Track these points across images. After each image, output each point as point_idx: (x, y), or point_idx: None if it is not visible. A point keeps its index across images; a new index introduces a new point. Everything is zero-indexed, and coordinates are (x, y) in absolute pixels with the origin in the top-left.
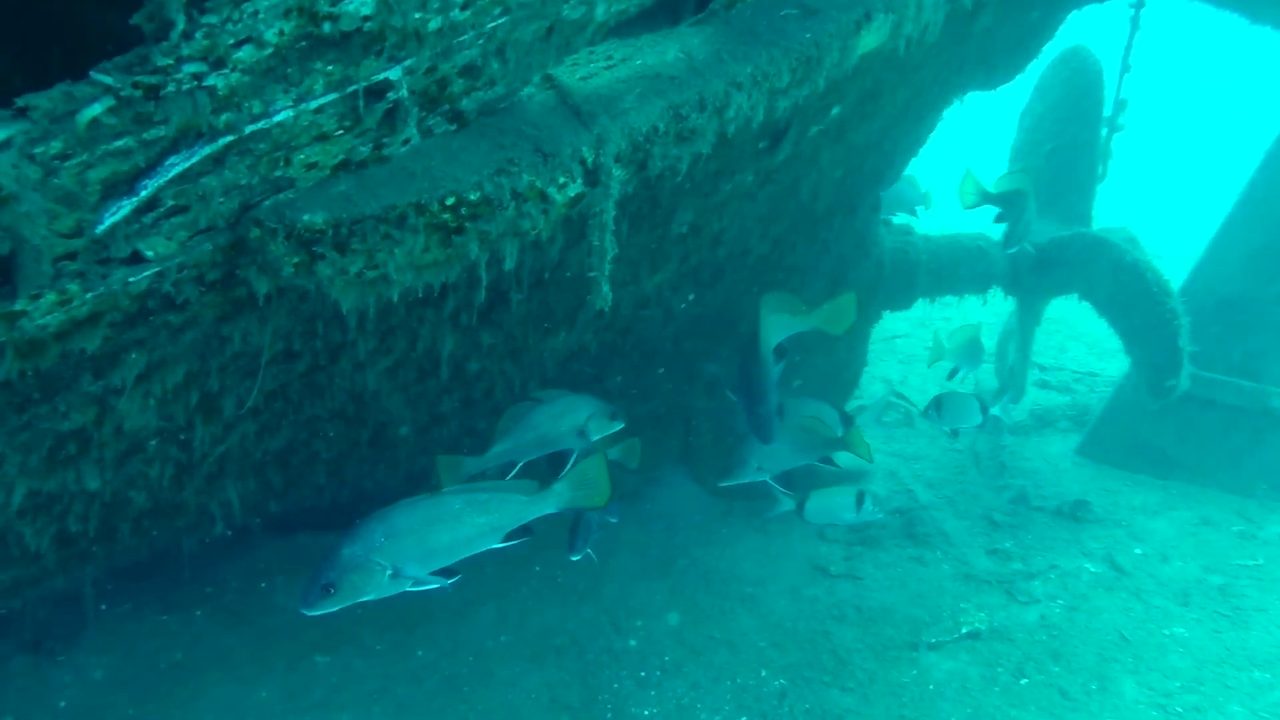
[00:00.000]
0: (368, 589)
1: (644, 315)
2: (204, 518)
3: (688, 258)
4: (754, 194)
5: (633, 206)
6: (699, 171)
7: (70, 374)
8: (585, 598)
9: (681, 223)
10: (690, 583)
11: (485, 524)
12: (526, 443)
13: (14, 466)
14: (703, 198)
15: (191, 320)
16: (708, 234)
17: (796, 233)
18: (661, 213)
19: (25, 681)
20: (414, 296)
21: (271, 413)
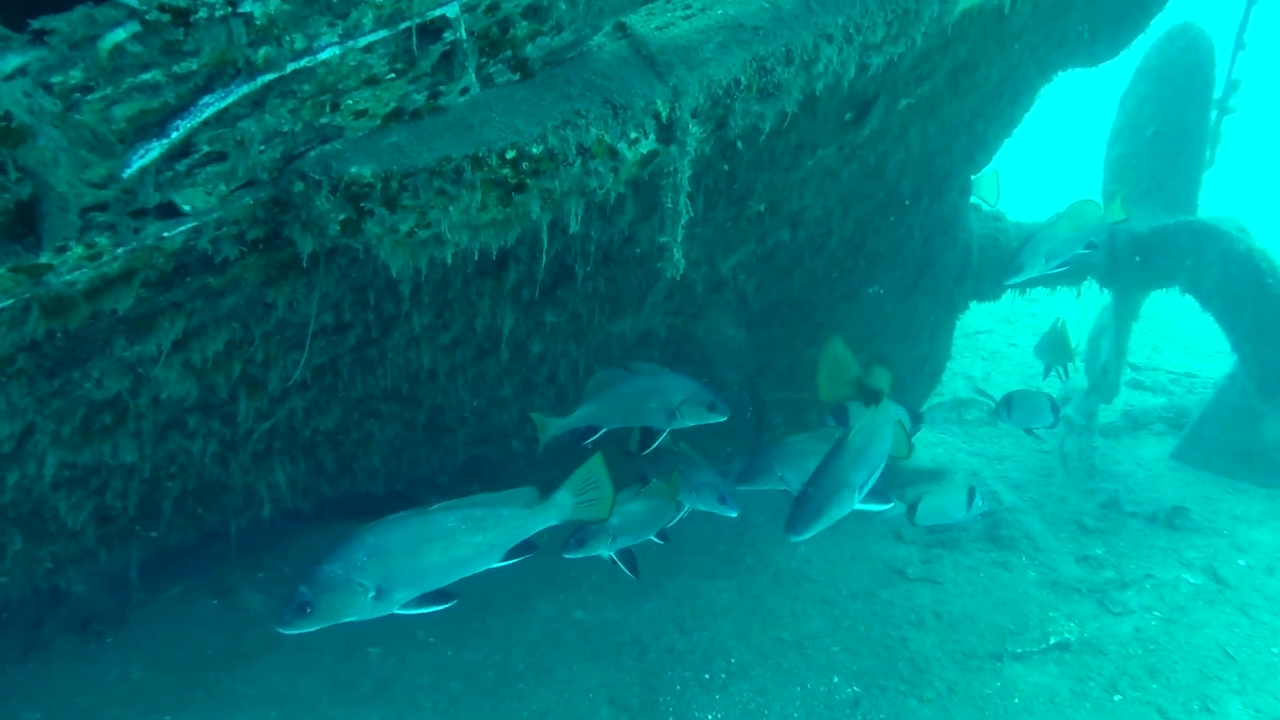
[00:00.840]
0: (348, 610)
1: (716, 300)
2: (252, 499)
3: (764, 239)
4: (837, 171)
5: (709, 179)
6: (780, 144)
7: (103, 338)
8: (648, 594)
9: (759, 200)
10: (759, 582)
11: (482, 542)
12: (611, 411)
13: (46, 436)
14: (782, 173)
15: (232, 283)
16: (786, 213)
17: (880, 216)
18: (739, 187)
19: (71, 663)
20: (471, 266)
21: (321, 388)
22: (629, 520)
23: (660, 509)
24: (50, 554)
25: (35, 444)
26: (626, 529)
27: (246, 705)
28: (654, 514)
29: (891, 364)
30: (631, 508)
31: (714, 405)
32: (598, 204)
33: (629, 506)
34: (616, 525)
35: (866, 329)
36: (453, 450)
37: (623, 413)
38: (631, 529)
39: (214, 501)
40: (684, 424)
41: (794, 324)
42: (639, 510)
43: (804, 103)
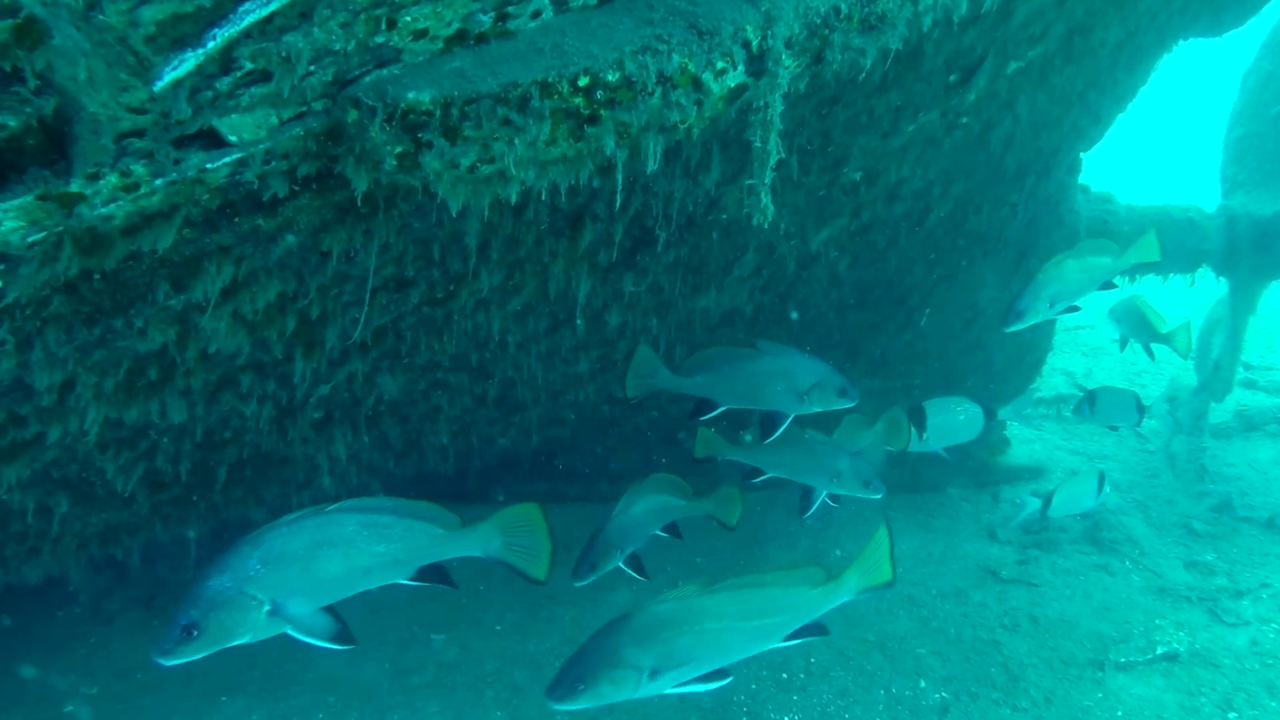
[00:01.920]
0: (241, 630)
1: (806, 277)
2: (313, 473)
3: (859, 212)
4: (939, 140)
5: (802, 138)
6: (879, 103)
7: (145, 283)
8: None
9: (855, 167)
10: None
11: (386, 554)
12: (733, 388)
13: (88, 390)
14: (880, 138)
15: (284, 227)
16: (883, 184)
17: (983, 193)
18: (834, 151)
19: (133, 638)
20: (544, 222)
21: (382, 352)
22: (633, 524)
23: (665, 506)
24: (103, 520)
25: (77, 398)
26: (631, 533)
27: (304, 689)
28: (659, 512)
29: (988, 353)
30: (635, 511)
31: (844, 390)
32: (681, 160)
33: (633, 510)
34: (620, 534)
35: (963, 315)
36: (526, 430)
37: (745, 392)
38: (636, 532)
39: (273, 473)
40: (812, 409)
41: (886, 307)
42: (642, 511)
43: (908, 53)
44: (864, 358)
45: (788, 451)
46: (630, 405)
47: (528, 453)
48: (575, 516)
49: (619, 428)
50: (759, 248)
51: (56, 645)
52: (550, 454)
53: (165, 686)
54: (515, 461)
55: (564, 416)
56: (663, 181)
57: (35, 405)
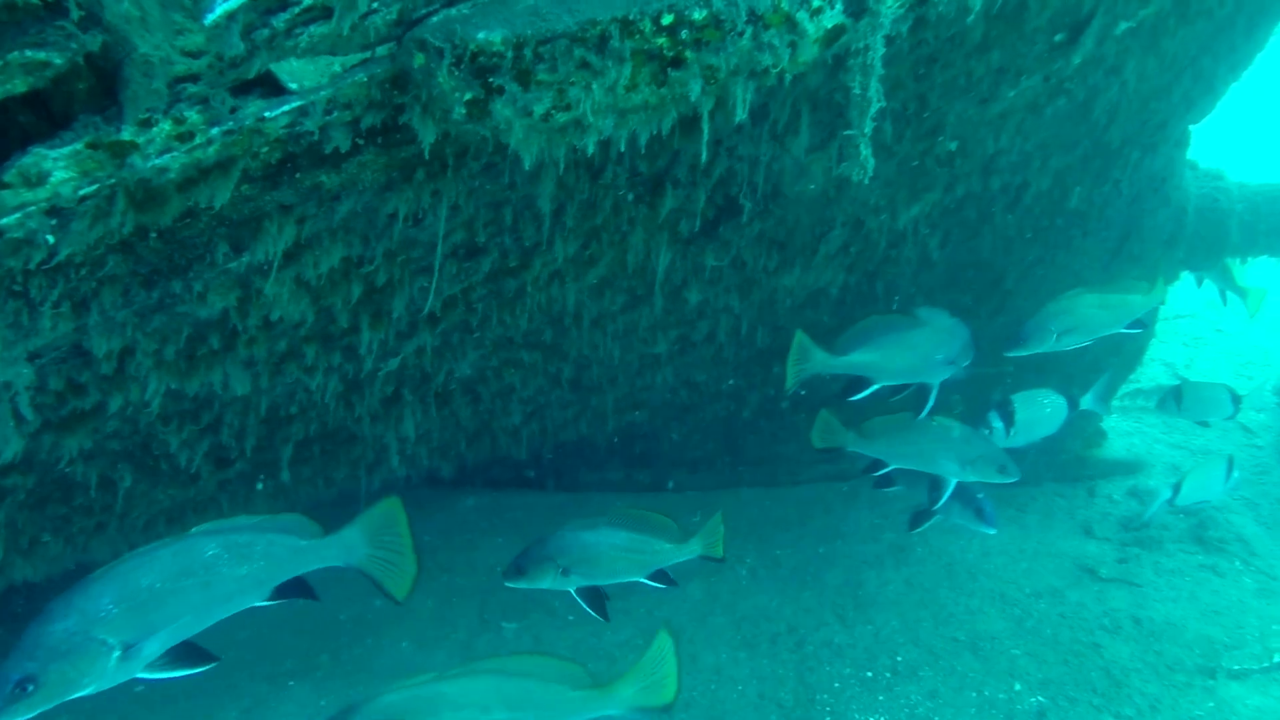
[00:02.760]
0: (87, 679)
1: (895, 257)
2: (382, 455)
3: (954, 186)
4: (1040, 108)
5: (896, 101)
6: (979, 64)
7: (203, 242)
8: (807, 583)
9: (951, 136)
10: (930, 574)
11: (247, 575)
12: (892, 361)
13: (149, 358)
14: (979, 104)
15: (348, 185)
16: (979, 156)
17: (1084, 168)
18: (929, 117)
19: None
20: (622, 186)
21: (452, 325)
22: (588, 555)
23: (638, 545)
24: (169, 497)
25: (137, 366)
26: (586, 565)
27: (372, 675)
28: (631, 552)
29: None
30: (592, 539)
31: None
32: (768, 122)
33: (587, 537)
34: (560, 548)
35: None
36: (602, 414)
37: (904, 366)
38: (593, 566)
39: (341, 453)
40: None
41: (979, 290)
42: (604, 545)
43: (1012, 7)
44: None
45: (917, 439)
46: (708, 392)
47: (602, 439)
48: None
49: (697, 414)
50: (847, 223)
51: None
52: (625, 441)
53: (235, 669)
54: (590, 448)
55: (640, 401)
56: (748, 144)
57: (94, 373)
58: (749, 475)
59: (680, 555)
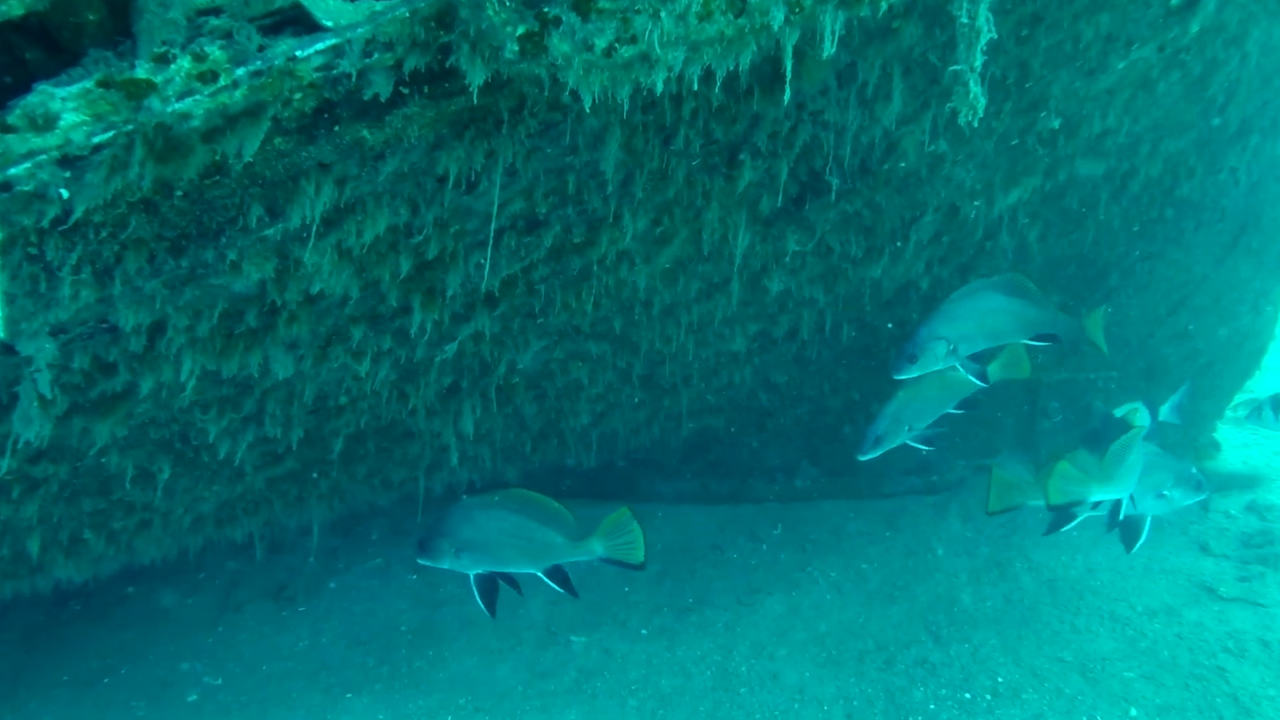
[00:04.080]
0: None
1: (990, 249)
2: (441, 453)
3: (1055, 170)
4: (1152, 83)
5: (996, 67)
6: (1087, 28)
7: (234, 203)
8: (896, 597)
9: (1054, 112)
10: (1031, 590)
11: None
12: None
13: (180, 335)
14: (1085, 76)
15: (393, 141)
16: (1085, 136)
17: (1198, 153)
18: (1031, 88)
19: (261, 629)
20: (695, 157)
21: (513, 308)
22: (477, 537)
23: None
24: (214, 495)
25: (169, 344)
26: (476, 548)
27: (434, 688)
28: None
29: (1199, 340)
30: (481, 520)
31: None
32: (856, 85)
33: (477, 516)
34: (458, 540)
35: (1169, 298)
36: (675, 417)
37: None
38: (482, 550)
39: (397, 452)
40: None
41: (1080, 287)
42: (492, 528)
43: None
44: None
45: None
46: (789, 395)
47: (676, 445)
48: (726, 516)
49: (776, 419)
50: (940, 208)
51: (184, 632)
52: (701, 448)
53: (290, 680)
54: (663, 456)
55: (717, 404)
56: (834, 110)
57: (124, 351)
58: (831, 486)
59: (576, 554)
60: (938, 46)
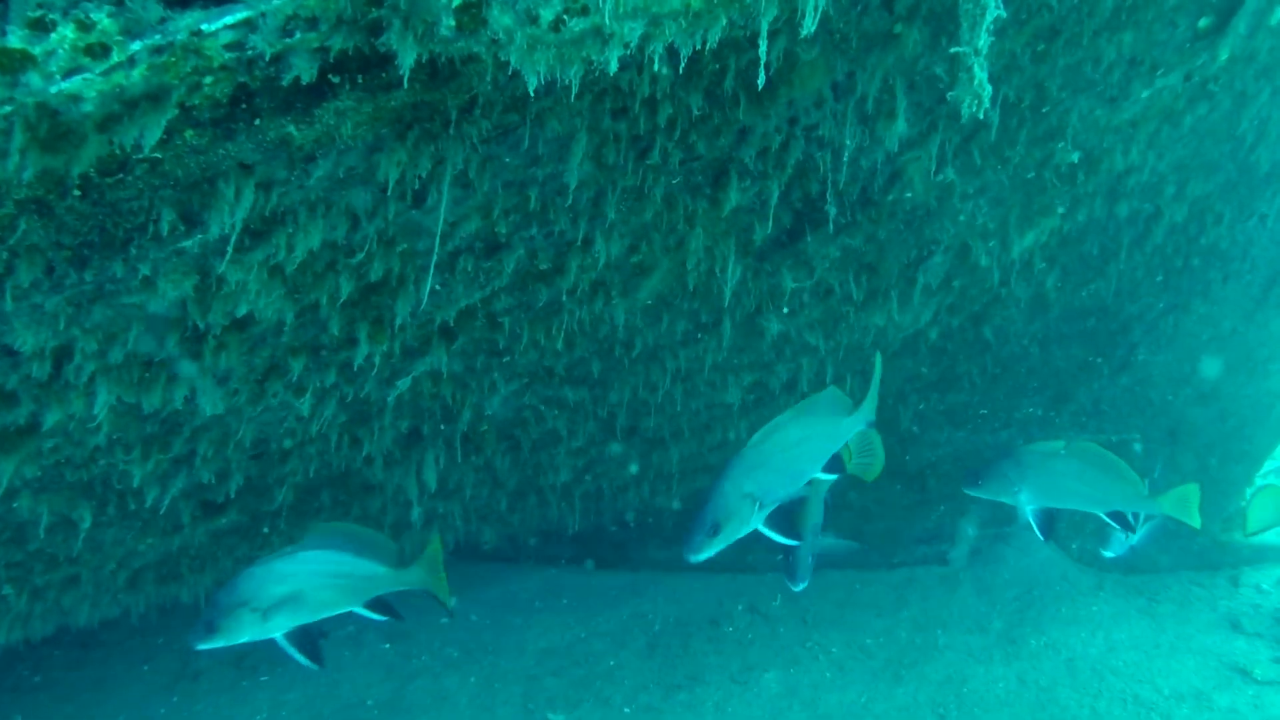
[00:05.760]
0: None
1: (1004, 297)
2: (406, 509)
3: (1074, 210)
4: (1178, 115)
5: (1010, 87)
6: (1108, 47)
7: (143, 206)
8: (902, 677)
9: (1073, 143)
10: (1048, 670)
11: None
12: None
13: (90, 361)
14: (1107, 103)
15: (325, 141)
16: (1106, 173)
17: (1225, 197)
18: (1049, 114)
19: (219, 699)
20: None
21: (474, 342)
22: (292, 591)
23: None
24: (150, 548)
25: (78, 371)
26: (292, 604)
27: None
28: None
29: (1227, 401)
30: (293, 569)
31: None
32: (855, 98)
33: (286, 568)
34: (267, 600)
35: (1195, 356)
36: (666, 476)
37: None
38: (300, 603)
39: (356, 506)
40: None
41: (1101, 341)
42: (308, 574)
43: None
44: (1071, 405)
45: None
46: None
47: (670, 510)
48: (725, 587)
49: None
50: (950, 248)
51: (135, 702)
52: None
53: None
54: (656, 520)
55: (711, 463)
56: (831, 125)
57: (25, 378)
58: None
59: (399, 582)
60: (945, 59)
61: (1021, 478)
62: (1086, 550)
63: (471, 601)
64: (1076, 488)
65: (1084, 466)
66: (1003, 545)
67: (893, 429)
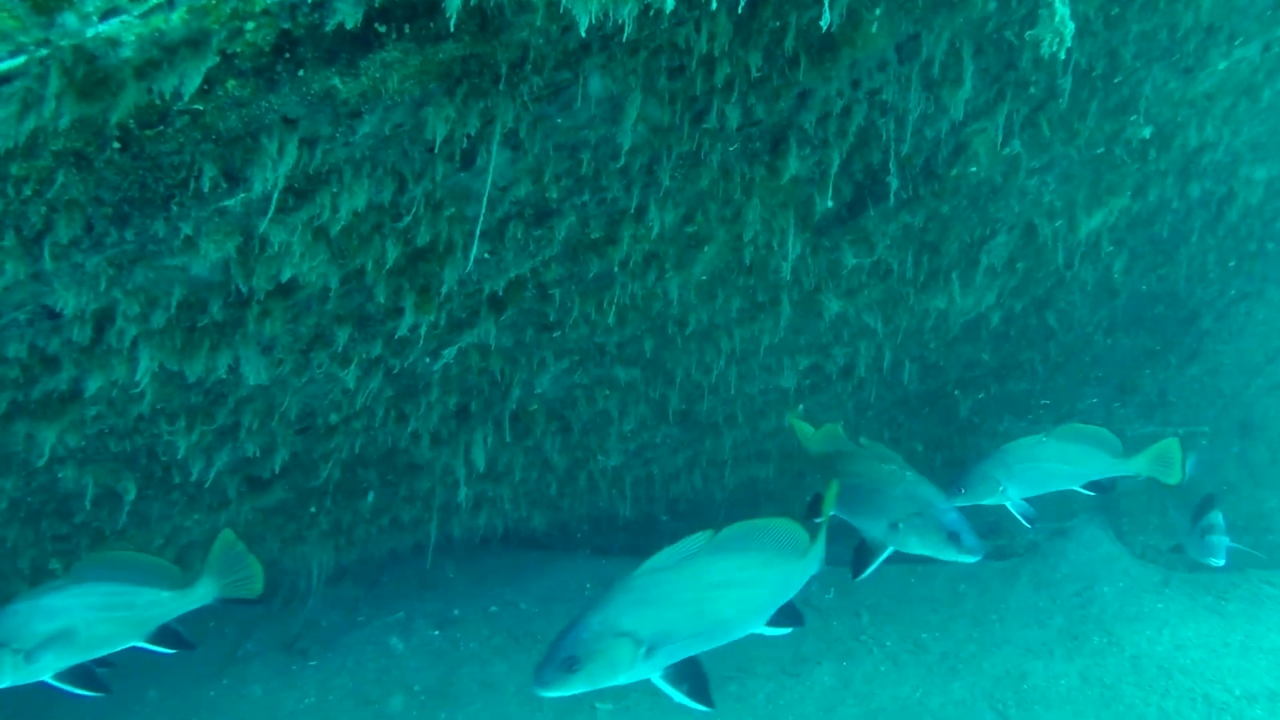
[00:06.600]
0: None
1: (1069, 281)
2: (453, 490)
3: (1145, 189)
4: (1256, 90)
5: (1081, 52)
6: (1185, 12)
7: (184, 161)
8: (958, 671)
9: (1145, 117)
10: (1110, 668)
11: None
12: None
13: (132, 324)
14: (1182, 75)
15: (371, 95)
16: (1179, 150)
17: None
18: (1121, 85)
19: (268, 684)
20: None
21: (524, 314)
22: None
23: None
24: (196, 524)
25: (120, 335)
26: (61, 642)
27: None
28: (117, 610)
29: None
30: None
31: None
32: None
33: (52, 603)
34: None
35: (1268, 345)
36: (719, 464)
37: None
38: (70, 642)
39: (404, 486)
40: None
41: (1170, 330)
42: (77, 609)
43: None
44: (1137, 396)
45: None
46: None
47: (721, 498)
48: None
49: None
50: (1015, 227)
51: (188, 684)
52: (749, 502)
53: None
54: (707, 509)
55: (764, 450)
56: (894, 89)
57: (66, 341)
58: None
59: (187, 603)
60: (1015, 21)
61: (1008, 475)
62: (1150, 546)
63: (520, 590)
64: (1059, 469)
65: (1064, 446)
66: (1062, 540)
67: (951, 418)
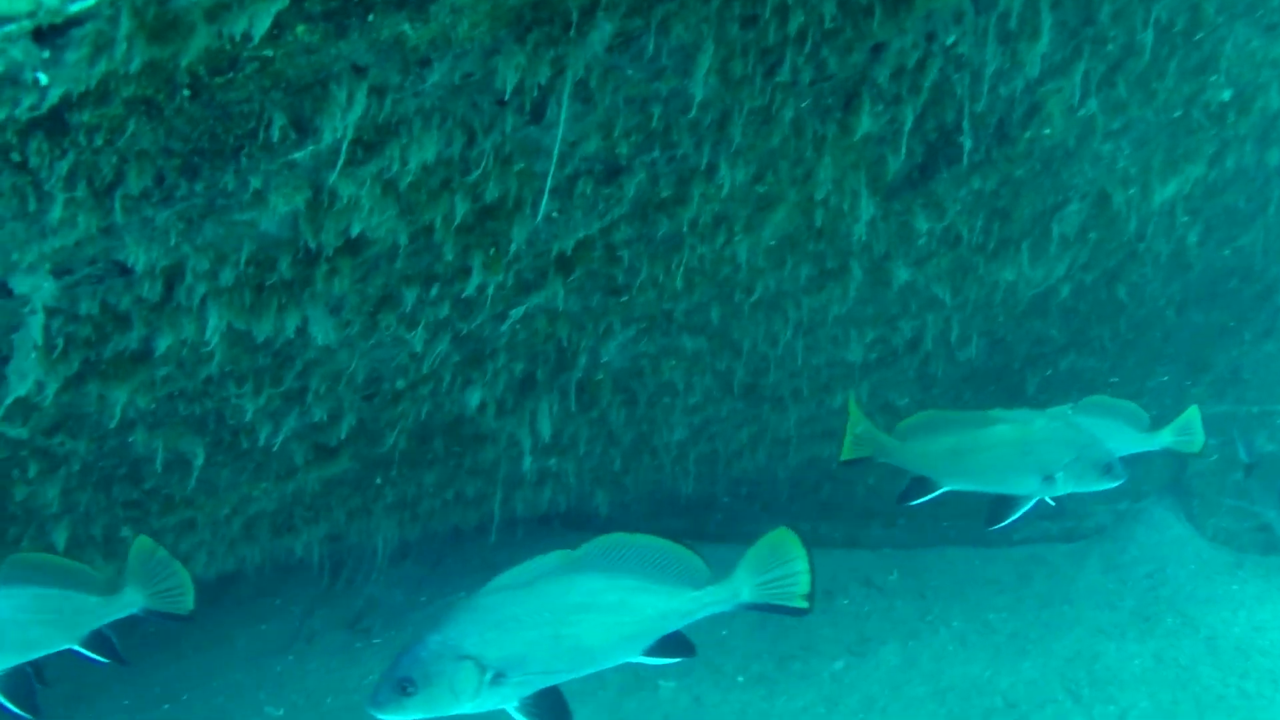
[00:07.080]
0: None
1: (1141, 253)
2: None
3: (1222, 155)
4: None
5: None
6: None
7: (253, 110)
8: (1028, 651)
9: (1225, 78)
10: (1185, 649)
11: None
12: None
13: (202, 281)
14: (1265, 34)
15: (440, 42)
16: (1259, 114)
17: None
18: (1201, 42)
19: (331, 660)
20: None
21: (591, 277)
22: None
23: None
24: (264, 494)
25: (189, 292)
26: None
27: None
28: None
29: None
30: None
31: None
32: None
33: None
34: None
35: None
36: (783, 441)
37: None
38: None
39: (469, 458)
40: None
41: (1244, 305)
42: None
43: None
44: (1208, 374)
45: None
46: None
47: (784, 476)
48: (839, 562)
49: None
50: (1087, 194)
51: (253, 658)
52: (812, 483)
53: (353, 714)
54: (770, 489)
55: (829, 428)
56: (969, 42)
57: (137, 298)
58: (955, 531)
59: (114, 610)
60: None
61: None
62: (1221, 529)
63: None
64: None
65: (1088, 420)
66: (1132, 522)
67: (1018, 396)
